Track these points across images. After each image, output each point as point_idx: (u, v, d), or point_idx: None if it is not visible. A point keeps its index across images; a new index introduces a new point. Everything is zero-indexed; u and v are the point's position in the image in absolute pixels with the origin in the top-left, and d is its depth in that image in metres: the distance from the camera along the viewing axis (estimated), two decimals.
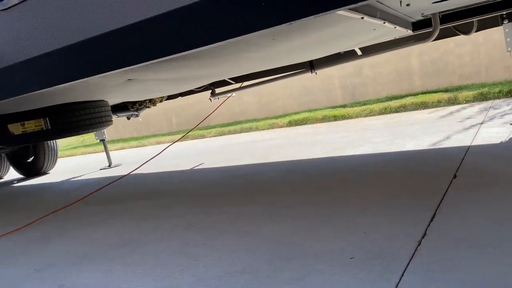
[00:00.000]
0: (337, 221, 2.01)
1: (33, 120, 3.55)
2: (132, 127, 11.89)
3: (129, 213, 2.96)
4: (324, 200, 2.40)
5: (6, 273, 2.14)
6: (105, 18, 1.36)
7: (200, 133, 7.98)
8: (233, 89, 4.82)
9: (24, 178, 6.63)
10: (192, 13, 1.19)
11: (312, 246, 1.75)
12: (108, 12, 1.36)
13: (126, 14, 1.32)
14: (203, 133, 7.96)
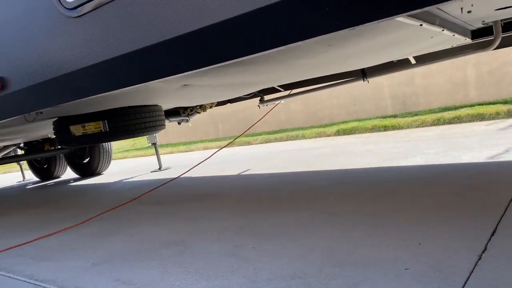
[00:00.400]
0: (389, 231, 1.96)
1: (93, 122, 3.73)
2: (180, 132, 12.23)
3: (180, 214, 3.04)
4: (376, 209, 2.35)
5: (66, 265, 2.26)
6: (172, 24, 1.42)
7: (246, 139, 8.07)
8: (282, 97, 4.84)
9: (80, 178, 6.99)
10: (257, 18, 1.23)
11: (364, 255, 1.72)
12: (175, 18, 1.43)
13: (193, 20, 1.38)
14: (249, 140, 8.04)
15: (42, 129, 4.90)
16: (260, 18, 1.23)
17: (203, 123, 11.20)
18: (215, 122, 11.23)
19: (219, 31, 1.32)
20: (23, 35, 1.94)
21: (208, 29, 1.33)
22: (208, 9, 1.32)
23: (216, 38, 1.33)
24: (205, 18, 1.34)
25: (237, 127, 10.32)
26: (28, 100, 2.03)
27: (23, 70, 1.98)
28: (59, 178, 7.64)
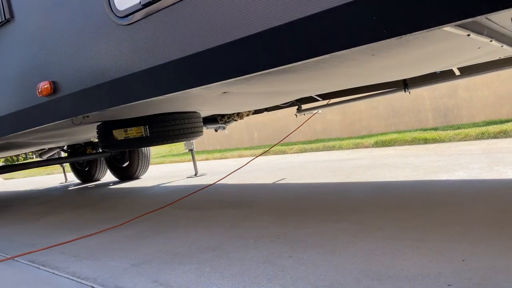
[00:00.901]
0: (430, 245, 1.90)
1: (135, 127, 3.85)
2: (215, 139, 12.38)
3: (216, 220, 3.07)
4: (416, 223, 2.29)
5: (106, 265, 2.33)
6: (218, 32, 1.46)
7: (282, 149, 8.06)
8: (319, 106, 4.82)
9: (119, 181, 7.20)
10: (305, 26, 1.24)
11: (404, 269, 1.68)
12: (221, 26, 1.46)
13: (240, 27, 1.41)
14: (284, 149, 8.03)
15: (85, 133, 5.09)
16: (309, 25, 1.24)
17: (238, 131, 11.29)
18: (250, 130, 11.30)
19: (267, 39, 1.34)
20: (75, 41, 2.04)
21: (255, 36, 1.35)
22: (256, 17, 1.35)
23: (264, 46, 1.35)
24: (253, 26, 1.36)
25: (272, 136, 10.34)
26: (77, 104, 2.13)
27: (74, 75, 2.08)
28: (99, 181, 7.90)
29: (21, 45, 2.36)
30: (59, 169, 11.70)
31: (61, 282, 2.14)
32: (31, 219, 4.39)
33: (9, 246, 3.17)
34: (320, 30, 1.24)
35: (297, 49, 1.29)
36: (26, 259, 2.69)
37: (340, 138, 8.49)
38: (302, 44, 1.28)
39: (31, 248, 2.96)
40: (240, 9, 1.41)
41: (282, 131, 9.89)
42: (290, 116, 9.94)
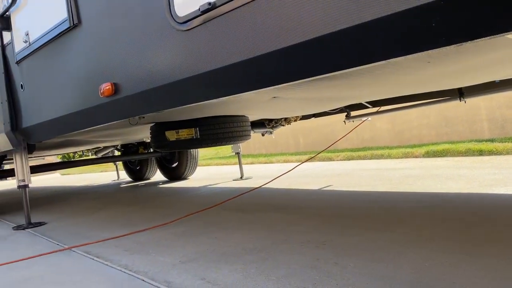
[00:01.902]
0: (485, 261, 1.83)
1: (186, 129, 3.98)
2: (261, 144, 12.47)
3: (261, 222, 3.11)
4: (470, 237, 2.20)
5: (156, 260, 2.43)
6: (275, 38, 1.50)
7: (328, 155, 7.98)
8: (369, 113, 4.74)
9: (168, 181, 7.43)
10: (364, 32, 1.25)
11: (456, 282, 1.62)
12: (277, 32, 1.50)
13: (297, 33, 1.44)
14: (330, 156, 7.95)
15: (138, 133, 5.32)
16: (367, 31, 1.25)
17: (284, 136, 11.31)
18: (296, 136, 11.28)
19: (324, 44, 1.36)
20: (136, 46, 2.15)
21: (312, 42, 1.38)
22: (312, 23, 1.37)
23: (321, 51, 1.37)
24: (310, 32, 1.39)
25: (318, 142, 10.27)
26: (136, 105, 2.24)
27: (134, 77, 2.20)
28: (149, 180, 8.20)
29: (86, 48, 2.52)
30: (111, 167, 12.26)
31: (114, 274, 2.26)
32: (86, 213, 4.64)
33: (66, 237, 3.37)
34: (379, 35, 1.25)
35: (356, 55, 1.30)
36: (82, 250, 2.85)
37: (388, 146, 8.28)
38: (361, 49, 1.28)
39: (86, 240, 3.13)
40: (296, 16, 1.44)
41: (328, 138, 9.80)
42: (337, 123, 9.83)
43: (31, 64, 3.14)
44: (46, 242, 3.29)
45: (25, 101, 3.36)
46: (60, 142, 4.91)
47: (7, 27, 3.27)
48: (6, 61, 3.46)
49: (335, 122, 9.60)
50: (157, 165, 7.93)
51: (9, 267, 2.64)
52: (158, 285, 1.98)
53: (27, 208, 4.14)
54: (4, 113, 3.55)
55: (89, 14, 2.44)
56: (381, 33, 1.23)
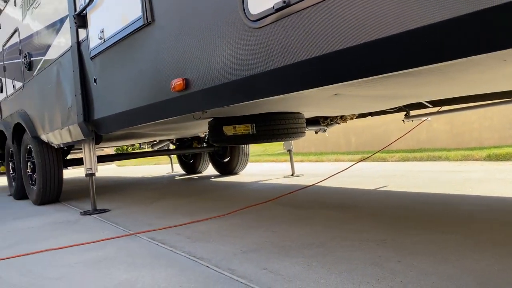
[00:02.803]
0: None
1: (243, 124, 4.07)
2: (310, 142, 12.41)
3: (317, 219, 3.13)
4: None
5: (218, 248, 2.52)
6: (349, 35, 1.53)
7: (382, 156, 7.82)
8: (428, 113, 4.61)
9: (219, 175, 7.61)
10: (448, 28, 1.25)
11: None
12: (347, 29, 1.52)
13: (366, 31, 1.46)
14: (384, 157, 7.78)
15: (195, 128, 5.50)
16: (449, 28, 1.25)
17: (335, 135, 11.19)
18: (347, 135, 11.13)
19: (402, 41, 1.37)
20: (208, 43, 2.25)
21: (388, 39, 1.39)
22: (390, 21, 1.39)
23: (398, 48, 1.38)
24: (386, 29, 1.40)
25: (371, 142, 10.07)
26: (205, 99, 2.34)
27: (205, 73, 2.30)
28: (201, 174, 8.43)
29: (159, 45, 2.66)
30: (164, 160, 12.71)
31: (179, 259, 2.38)
32: (146, 202, 4.87)
33: (130, 223, 3.57)
34: (460, 33, 1.24)
35: (434, 52, 1.30)
36: (147, 236, 3.02)
37: (446, 148, 7.98)
38: (440, 46, 1.28)
39: (149, 228, 3.30)
40: (372, 14, 1.45)
41: (381, 138, 9.58)
42: (391, 123, 9.59)
43: (105, 59, 3.35)
44: (112, 227, 3.50)
45: (97, 95, 3.59)
46: (122, 134, 5.18)
47: (83, 25, 3.51)
48: (81, 56, 3.71)
49: (388, 122, 9.37)
50: (210, 159, 8.14)
51: (83, 248, 2.85)
52: (222, 272, 2.07)
53: (93, 195, 4.41)
54: (77, 105, 3.81)
55: (162, 12, 2.57)
56: (466, 30, 1.23)
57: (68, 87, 4.01)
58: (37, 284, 2.16)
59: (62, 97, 4.20)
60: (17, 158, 6.01)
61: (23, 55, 5.20)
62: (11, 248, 3.00)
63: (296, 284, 1.83)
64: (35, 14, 4.83)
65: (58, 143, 4.64)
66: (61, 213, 4.57)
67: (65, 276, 2.24)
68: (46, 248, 2.88)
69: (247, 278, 1.95)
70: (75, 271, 2.32)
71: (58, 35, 4.16)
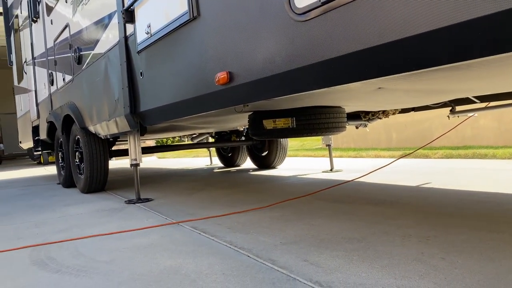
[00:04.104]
0: None
1: (283, 118, 4.08)
2: (349, 137, 12.22)
3: (358, 214, 3.11)
4: None
5: (258, 239, 2.57)
6: (397, 27, 1.51)
7: (424, 153, 7.61)
8: (475, 109, 4.44)
9: (257, 169, 7.67)
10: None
11: None
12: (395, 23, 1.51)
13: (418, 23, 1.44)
14: (427, 153, 7.57)
15: (234, 122, 5.57)
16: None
17: (375, 131, 10.96)
18: (388, 131, 10.88)
19: (454, 33, 1.34)
20: (252, 36, 2.28)
21: (439, 31, 1.37)
22: (439, 13, 1.36)
23: (449, 40, 1.36)
24: (436, 21, 1.38)
25: (412, 138, 9.80)
26: (249, 92, 2.38)
27: (249, 66, 2.33)
28: (239, 167, 8.53)
29: (204, 39, 2.72)
30: (203, 153, 12.93)
31: (221, 248, 2.44)
32: (187, 193, 5.00)
33: (172, 213, 3.69)
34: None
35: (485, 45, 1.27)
36: (189, 225, 3.11)
37: (493, 146, 7.65)
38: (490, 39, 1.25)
39: (191, 217, 3.40)
40: (423, 6, 1.43)
41: (424, 134, 9.31)
42: (434, 119, 9.29)
43: (151, 53, 3.47)
44: (156, 215, 3.63)
45: (143, 88, 3.72)
46: (165, 127, 5.32)
47: (130, 20, 3.64)
48: (128, 51, 3.85)
49: (432, 118, 9.08)
50: (248, 153, 8.21)
51: (129, 234, 2.98)
52: (263, 262, 2.11)
53: (137, 185, 4.58)
54: (124, 98, 3.96)
55: (208, 7, 2.63)
56: None
57: (115, 80, 4.17)
58: (89, 266, 2.29)
59: (109, 90, 4.38)
60: (66, 148, 6.32)
61: (73, 49, 5.45)
62: (63, 232, 3.18)
63: (337, 276, 1.84)
64: (84, 10, 5.04)
65: (105, 134, 4.85)
66: (107, 201, 4.77)
67: (114, 260, 2.36)
68: (96, 234, 3.04)
69: (288, 269, 1.98)
70: (124, 255, 2.44)
71: (106, 30, 4.33)
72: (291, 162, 8.94)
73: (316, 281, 1.80)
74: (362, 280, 1.77)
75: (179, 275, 2.01)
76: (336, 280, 1.79)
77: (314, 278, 1.84)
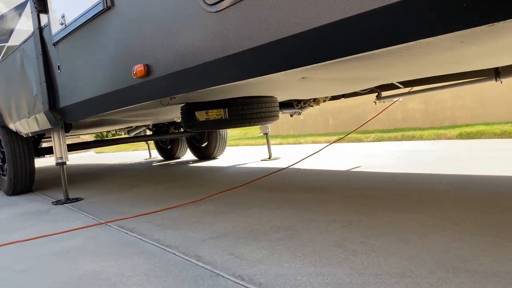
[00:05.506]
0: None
1: (215, 109, 4.04)
2: (289, 124, 12.45)
3: (289, 202, 3.15)
4: (501, 219, 2.17)
5: (187, 235, 2.52)
6: (304, 19, 1.51)
7: (357, 136, 7.90)
8: (400, 94, 4.66)
9: (197, 160, 7.58)
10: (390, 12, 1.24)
11: (483, 264, 1.63)
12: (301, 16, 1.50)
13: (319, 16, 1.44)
14: (360, 137, 7.87)
15: (169, 113, 5.43)
16: (394, 12, 1.24)
17: (312, 117, 11.24)
18: (325, 117, 11.19)
19: (353, 24, 1.36)
20: (167, 28, 2.20)
21: (341, 22, 1.38)
22: (341, 4, 1.37)
23: (350, 31, 1.37)
24: (338, 12, 1.39)
25: (348, 123, 10.16)
26: (168, 86, 2.30)
27: (165, 59, 2.25)
28: (180, 159, 8.38)
29: (120, 31, 2.59)
30: (143, 146, 12.57)
31: (147, 247, 2.37)
32: (120, 190, 4.82)
33: (102, 212, 3.54)
34: (406, 16, 1.23)
35: (383, 36, 1.29)
36: (117, 225, 2.99)
37: (421, 128, 8.11)
38: (387, 31, 1.28)
39: (121, 216, 3.28)
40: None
41: (359, 118, 9.67)
42: (368, 103, 9.67)
43: (68, 46, 3.26)
44: (83, 216, 3.47)
45: (62, 82, 3.50)
46: (94, 121, 5.08)
47: (44, 9, 3.39)
48: (44, 43, 3.60)
49: (365, 103, 9.45)
50: (188, 144, 8.08)
51: (52, 238, 2.81)
52: (188, 259, 2.07)
53: (65, 184, 4.34)
54: (43, 94, 3.71)
55: None
56: (411, 13, 1.22)
57: (32, 75, 3.89)
58: (2, 277, 2.13)
59: (27, 85, 4.08)
60: None
61: None
62: None
63: (260, 268, 1.85)
64: None
65: (26, 132, 4.53)
66: (33, 203, 4.49)
67: (31, 268, 2.21)
68: (15, 240, 2.84)
69: (212, 264, 1.96)
70: (42, 262, 2.29)
71: (20, 21, 4.02)
72: (232, 152, 8.93)
73: (238, 275, 1.79)
74: (284, 271, 1.79)
75: (99, 280, 1.93)
76: (259, 273, 1.80)
77: (237, 272, 1.83)
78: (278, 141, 10.08)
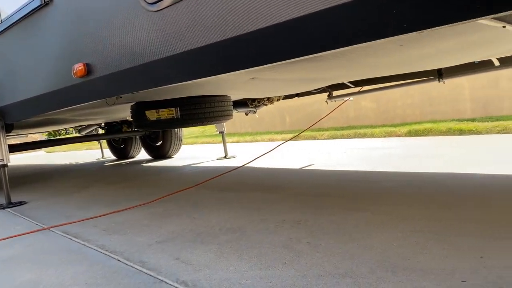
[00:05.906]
0: (451, 240, 1.89)
1: (166, 109, 3.96)
2: (247, 122, 12.47)
3: (240, 202, 3.14)
4: (441, 216, 2.26)
5: (133, 240, 2.45)
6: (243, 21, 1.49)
7: (312, 134, 8.03)
8: (351, 93, 4.76)
9: (152, 160, 7.43)
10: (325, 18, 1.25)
11: (420, 262, 1.68)
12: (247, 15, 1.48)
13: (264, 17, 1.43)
14: (315, 135, 8.00)
15: (121, 112, 5.28)
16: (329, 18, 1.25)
17: (270, 114, 11.30)
18: (282, 114, 11.29)
19: (290, 28, 1.35)
20: (108, 26, 2.11)
21: (278, 25, 1.37)
22: (278, 8, 1.36)
23: (287, 35, 1.37)
24: (276, 16, 1.38)
25: (304, 121, 10.30)
26: (110, 85, 2.22)
27: (106, 58, 2.16)
28: (134, 158, 8.17)
29: (58, 28, 2.46)
30: (97, 145, 12.17)
31: (91, 254, 2.28)
32: (69, 192, 4.63)
33: (47, 216, 3.38)
34: (341, 22, 1.24)
35: (318, 41, 1.30)
36: (60, 230, 2.86)
37: (373, 125, 8.35)
38: (323, 35, 1.28)
39: (66, 220, 3.14)
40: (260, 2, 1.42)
41: (314, 116, 9.82)
42: (323, 101, 9.86)
43: (4, 42, 3.07)
44: (26, 222, 3.29)
45: (0, 81, 3.30)
46: (40, 120, 4.84)
47: None
48: None
49: (320, 101, 9.59)
50: (142, 143, 7.90)
51: None
52: (132, 265, 2.01)
53: (6, 188, 4.11)
54: None
55: None
56: (345, 19, 1.23)
57: None
58: None
59: None
60: None
61: None
62: None
63: (205, 273, 1.82)
64: None
65: None
66: None
67: None
68: None
69: (156, 271, 1.91)
70: None
71: None
72: (188, 150, 8.82)
73: (182, 281, 1.75)
74: (228, 275, 1.77)
75: None
76: (203, 278, 1.77)
77: (182, 277, 1.79)
78: (236, 139, 10.06)
